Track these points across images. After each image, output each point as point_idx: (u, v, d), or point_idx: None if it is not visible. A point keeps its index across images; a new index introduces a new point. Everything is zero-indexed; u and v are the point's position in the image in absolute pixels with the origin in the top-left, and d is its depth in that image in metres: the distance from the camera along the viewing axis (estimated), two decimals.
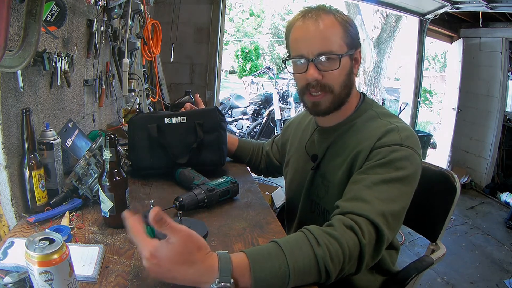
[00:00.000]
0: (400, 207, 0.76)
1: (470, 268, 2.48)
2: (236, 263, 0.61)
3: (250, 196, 1.13)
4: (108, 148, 0.82)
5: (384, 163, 0.78)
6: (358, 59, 0.91)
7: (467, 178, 4.00)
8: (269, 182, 3.79)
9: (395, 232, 0.77)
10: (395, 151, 0.79)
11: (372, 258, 0.72)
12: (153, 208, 0.58)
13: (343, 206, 0.76)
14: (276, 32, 15.36)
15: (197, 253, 0.59)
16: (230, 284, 0.59)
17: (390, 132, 0.82)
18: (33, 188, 0.89)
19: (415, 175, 0.81)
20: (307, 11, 0.88)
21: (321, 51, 0.85)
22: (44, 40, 1.04)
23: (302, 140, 1.08)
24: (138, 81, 2.13)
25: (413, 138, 0.83)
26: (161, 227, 0.58)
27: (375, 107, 0.94)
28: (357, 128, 0.90)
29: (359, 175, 0.81)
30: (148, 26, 2.34)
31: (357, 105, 0.95)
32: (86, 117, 1.52)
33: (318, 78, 0.87)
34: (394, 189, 0.76)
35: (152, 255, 0.57)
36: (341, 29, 0.85)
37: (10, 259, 0.68)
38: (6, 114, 0.86)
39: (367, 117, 0.91)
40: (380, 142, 0.81)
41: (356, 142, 0.87)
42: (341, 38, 0.86)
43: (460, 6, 3.38)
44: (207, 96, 3.44)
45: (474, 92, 3.98)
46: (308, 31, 0.87)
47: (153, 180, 1.20)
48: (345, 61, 0.87)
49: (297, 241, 0.67)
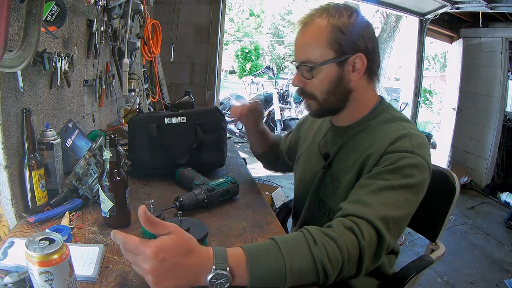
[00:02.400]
0: (404, 214, 0.75)
1: (470, 268, 2.48)
2: (231, 252, 0.62)
3: (250, 196, 1.13)
4: (108, 148, 0.82)
5: (392, 169, 0.78)
6: (359, 65, 0.85)
7: (467, 178, 4.00)
8: (269, 182, 3.79)
9: (396, 239, 0.77)
10: (405, 157, 0.78)
11: (372, 261, 0.72)
12: (140, 207, 0.59)
13: (345, 208, 0.75)
14: (276, 32, 15.36)
15: (193, 242, 0.61)
16: (226, 271, 0.60)
17: (402, 138, 0.81)
18: (33, 188, 0.89)
19: (422, 185, 0.80)
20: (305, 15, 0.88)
21: (301, 60, 0.87)
22: (44, 40, 1.04)
23: (315, 138, 1.07)
24: (138, 81, 2.13)
25: (424, 146, 0.82)
26: (152, 226, 0.59)
27: (392, 111, 0.93)
28: (370, 130, 0.90)
29: (366, 179, 0.80)
30: (148, 26, 2.34)
31: (373, 107, 0.93)
32: (86, 117, 1.52)
33: (299, 85, 0.90)
34: (399, 195, 0.75)
35: (158, 249, 0.57)
36: (328, 36, 0.83)
37: (10, 259, 0.68)
38: (6, 114, 0.86)
39: (382, 119, 0.90)
40: (391, 147, 0.80)
41: (368, 144, 0.86)
42: (326, 45, 0.83)
43: (460, 6, 3.38)
44: (207, 96, 3.44)
45: (474, 92, 3.98)
46: (296, 39, 0.89)
47: (153, 180, 1.20)
48: (328, 69, 0.85)
49: (295, 240, 0.67)
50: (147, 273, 0.57)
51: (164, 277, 0.57)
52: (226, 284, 0.60)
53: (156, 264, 0.56)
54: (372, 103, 0.93)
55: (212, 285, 0.60)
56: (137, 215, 0.92)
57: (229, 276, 0.60)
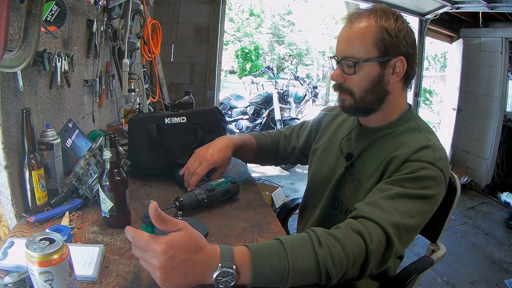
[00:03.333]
0: (416, 223, 0.76)
1: (470, 268, 2.48)
2: (237, 250, 0.63)
3: (250, 196, 1.13)
4: (108, 148, 0.82)
5: (412, 178, 0.78)
6: (399, 69, 0.86)
7: (467, 178, 4.00)
8: (269, 182, 3.80)
9: (404, 247, 0.77)
10: (425, 168, 0.79)
11: (378, 266, 0.71)
12: (151, 203, 0.59)
13: (360, 208, 0.76)
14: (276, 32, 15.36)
15: (201, 239, 0.62)
16: (232, 269, 0.60)
17: (426, 149, 0.82)
18: (33, 188, 0.89)
19: (437, 197, 0.81)
20: (352, 12, 0.89)
21: (344, 55, 0.87)
22: (44, 40, 1.04)
23: (337, 135, 1.07)
24: (138, 81, 2.13)
25: (445, 161, 0.84)
26: (163, 222, 0.59)
27: (419, 121, 0.94)
28: (395, 135, 0.90)
29: (385, 184, 0.80)
30: (148, 26, 2.34)
31: (402, 113, 0.94)
32: (86, 117, 1.52)
33: (338, 80, 0.91)
34: (414, 205, 0.76)
35: (168, 246, 0.57)
36: (374, 35, 0.83)
37: (10, 259, 0.68)
38: (6, 114, 0.86)
39: (408, 127, 0.91)
40: (414, 156, 0.81)
41: (392, 149, 0.87)
42: (372, 44, 0.84)
43: (460, 6, 3.38)
44: (207, 96, 3.44)
45: (474, 92, 3.98)
46: (341, 33, 0.90)
47: (153, 180, 1.20)
48: (370, 68, 0.85)
49: (300, 241, 0.68)
50: (155, 269, 0.57)
51: (172, 274, 0.58)
52: (231, 282, 0.60)
53: (165, 260, 0.57)
54: (402, 110, 0.94)
55: (218, 283, 0.60)
56: (137, 215, 0.92)
57: (234, 274, 0.60)
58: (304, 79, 5.18)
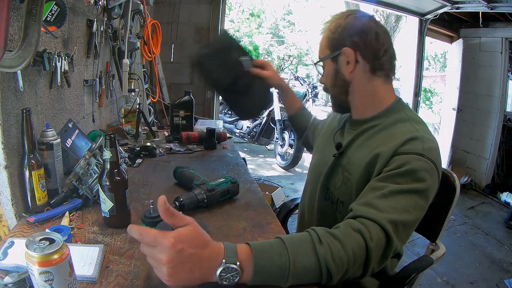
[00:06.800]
0: (413, 218, 0.76)
1: (470, 268, 2.48)
2: (240, 247, 0.64)
3: (250, 196, 1.13)
4: (108, 148, 0.82)
5: (403, 172, 0.78)
6: (350, 58, 0.92)
7: (467, 178, 4.00)
8: (269, 182, 3.80)
9: (403, 243, 0.77)
10: (414, 160, 0.79)
11: (379, 263, 0.72)
12: (160, 197, 0.59)
13: (356, 209, 0.76)
14: (276, 32, 15.36)
15: (207, 236, 0.63)
16: (236, 265, 0.60)
17: (413, 140, 0.82)
18: (33, 188, 0.89)
19: (432, 190, 0.80)
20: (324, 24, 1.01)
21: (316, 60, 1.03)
22: (44, 40, 1.04)
23: (334, 129, 1.10)
24: (138, 81, 2.14)
25: (435, 151, 0.83)
26: (171, 217, 0.60)
27: (407, 111, 0.94)
28: (383, 128, 0.91)
29: (378, 182, 0.80)
30: (148, 26, 2.34)
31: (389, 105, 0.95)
32: (86, 117, 1.52)
33: (321, 82, 1.04)
34: (409, 200, 0.76)
35: (176, 240, 0.57)
36: (325, 38, 0.97)
37: (10, 259, 0.69)
38: (6, 114, 0.86)
39: (396, 118, 0.91)
40: (402, 149, 0.81)
41: (380, 141, 0.87)
42: (325, 46, 0.97)
43: (460, 6, 3.38)
44: (207, 96, 3.44)
45: (474, 92, 3.98)
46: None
47: (153, 180, 1.20)
48: (328, 65, 0.98)
49: (300, 239, 0.68)
50: (163, 264, 0.57)
51: (180, 269, 0.58)
52: (235, 278, 0.61)
53: (173, 254, 0.57)
54: (388, 102, 0.95)
55: (222, 279, 0.60)
56: (137, 215, 0.92)
57: (238, 270, 0.60)
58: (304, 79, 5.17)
